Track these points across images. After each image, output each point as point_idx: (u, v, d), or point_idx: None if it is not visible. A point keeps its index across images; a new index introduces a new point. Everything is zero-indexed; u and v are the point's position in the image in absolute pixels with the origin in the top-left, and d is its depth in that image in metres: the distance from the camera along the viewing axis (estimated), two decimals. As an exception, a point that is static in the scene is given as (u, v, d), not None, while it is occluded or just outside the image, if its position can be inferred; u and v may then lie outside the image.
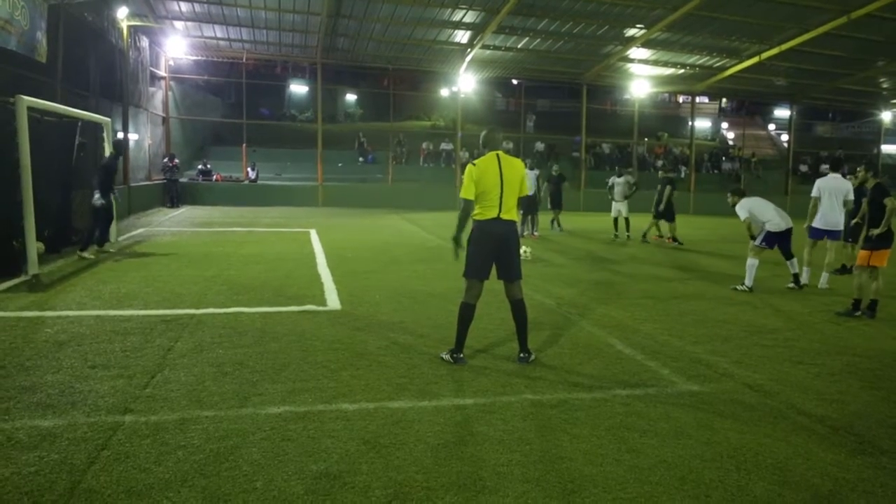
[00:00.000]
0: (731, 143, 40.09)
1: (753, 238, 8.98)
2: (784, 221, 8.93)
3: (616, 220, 15.55)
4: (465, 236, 5.21)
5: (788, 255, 9.10)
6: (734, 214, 9.32)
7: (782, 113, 39.85)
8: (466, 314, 5.18)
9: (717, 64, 25.19)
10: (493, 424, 3.95)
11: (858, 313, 7.37)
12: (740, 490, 3.25)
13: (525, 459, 3.50)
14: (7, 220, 7.91)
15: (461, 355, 5.18)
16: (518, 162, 5.21)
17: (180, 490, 3.05)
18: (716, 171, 34.05)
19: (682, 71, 26.14)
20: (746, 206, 9.07)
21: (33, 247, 7.82)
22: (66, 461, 3.29)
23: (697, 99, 31.29)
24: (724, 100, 41.71)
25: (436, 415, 4.07)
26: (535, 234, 15.22)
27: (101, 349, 5.20)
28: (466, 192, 5.03)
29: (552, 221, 16.93)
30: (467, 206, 5.07)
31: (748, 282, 8.80)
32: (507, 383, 4.71)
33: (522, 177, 5.16)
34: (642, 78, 26.85)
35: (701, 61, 25.03)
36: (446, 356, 5.20)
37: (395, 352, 5.39)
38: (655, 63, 25.26)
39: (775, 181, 31.25)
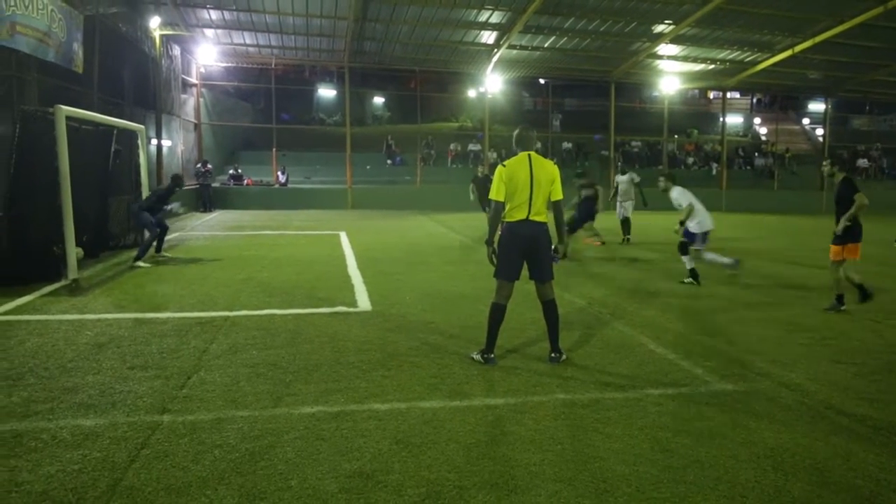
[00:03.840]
0: (763, 138, 39.36)
1: (682, 224, 8.89)
2: (710, 222, 8.97)
3: (623, 221, 14.32)
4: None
5: (685, 251, 8.95)
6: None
7: (817, 107, 39.06)
8: (497, 314, 5.18)
9: (749, 58, 24.77)
10: (525, 424, 3.94)
11: (844, 307, 7.27)
12: (778, 491, 3.20)
13: (557, 459, 3.49)
14: (47, 226, 8.14)
15: (492, 355, 5.18)
16: (550, 163, 5.18)
17: (217, 488, 3.12)
18: (748, 168, 33.47)
19: (712, 66, 25.76)
20: (687, 195, 8.95)
21: (73, 252, 8.02)
22: (108, 459, 3.38)
23: (728, 94, 30.76)
24: (756, 95, 40.98)
25: (467, 414, 4.08)
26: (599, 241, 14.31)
27: (139, 351, 5.32)
28: (496, 193, 5.03)
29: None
30: (497, 208, 5.07)
31: (688, 264, 8.92)
32: (538, 383, 4.70)
33: (554, 178, 5.11)
34: (671, 74, 26.54)
35: (731, 56, 24.64)
36: (477, 356, 5.21)
37: (426, 352, 5.42)
38: (685, 59, 24.94)
39: (810, 177, 30.59)
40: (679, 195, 9.01)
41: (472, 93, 33.28)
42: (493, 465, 3.41)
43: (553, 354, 5.24)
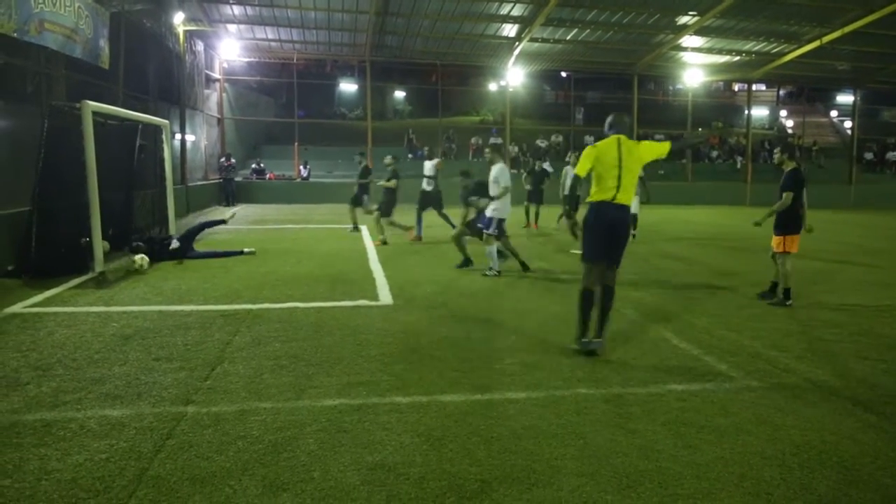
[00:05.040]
0: (790, 131, 38.69)
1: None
2: (508, 211, 8.75)
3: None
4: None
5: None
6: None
7: (845, 99, 38.23)
8: (586, 301, 5.22)
9: (775, 50, 24.33)
10: (547, 418, 3.93)
11: (790, 302, 7.22)
12: (804, 489, 3.15)
13: (579, 454, 3.47)
14: (75, 220, 8.28)
15: (585, 339, 5.22)
16: (642, 146, 5.27)
17: (241, 478, 3.15)
18: (773, 161, 32.94)
19: (737, 58, 25.34)
20: (506, 176, 8.58)
21: (99, 245, 8.15)
22: (134, 449, 3.43)
23: (754, 87, 30.28)
24: (782, 87, 40.28)
25: (489, 408, 4.07)
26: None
27: (164, 343, 5.39)
28: (580, 169, 5.15)
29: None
30: (574, 181, 5.22)
31: (495, 267, 8.73)
32: (560, 377, 4.68)
33: (642, 162, 5.23)
34: (696, 66, 26.16)
35: (757, 47, 24.22)
36: (574, 346, 5.27)
37: (447, 346, 5.42)
38: (709, 51, 24.57)
39: (838, 170, 30.02)
40: (500, 173, 8.55)
41: (493, 86, 33.16)
42: (515, 458, 3.40)
43: (596, 339, 5.23)
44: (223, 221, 11.71)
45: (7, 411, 3.92)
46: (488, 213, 8.59)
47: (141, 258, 8.39)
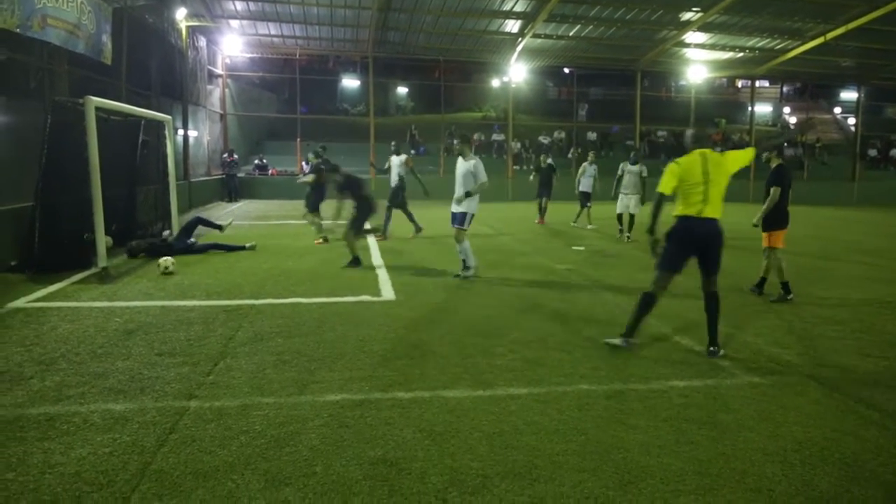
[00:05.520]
0: (793, 128, 38.56)
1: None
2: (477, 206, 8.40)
3: (621, 216, 12.87)
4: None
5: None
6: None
7: (849, 95, 38.08)
8: (647, 302, 5.22)
9: (779, 46, 24.26)
10: (548, 414, 3.94)
11: (791, 296, 7.34)
12: (805, 485, 3.16)
13: (581, 449, 3.48)
14: (78, 215, 8.29)
15: (634, 340, 5.25)
16: (726, 157, 5.18)
17: (243, 473, 3.16)
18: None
19: (741, 54, 25.27)
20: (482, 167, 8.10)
21: (102, 241, 8.16)
22: (137, 443, 3.45)
23: (757, 83, 30.18)
24: (785, 83, 40.12)
25: (490, 404, 4.08)
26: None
27: (167, 338, 5.41)
28: (663, 186, 5.13)
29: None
30: (659, 199, 5.15)
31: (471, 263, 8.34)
32: (561, 373, 4.69)
33: (729, 174, 5.14)
34: (699, 63, 26.10)
35: (761, 44, 24.15)
36: (617, 341, 5.28)
37: (449, 342, 5.43)
38: (713, 47, 24.49)
39: (841, 167, 29.94)
40: (479, 168, 8.01)
41: (495, 82, 33.04)
42: (517, 454, 3.41)
43: (711, 349, 5.19)
44: (220, 227, 11.32)
45: (11, 405, 3.93)
46: (463, 208, 8.07)
47: (164, 260, 8.36)
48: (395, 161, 12.75)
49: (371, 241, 11.74)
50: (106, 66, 12.48)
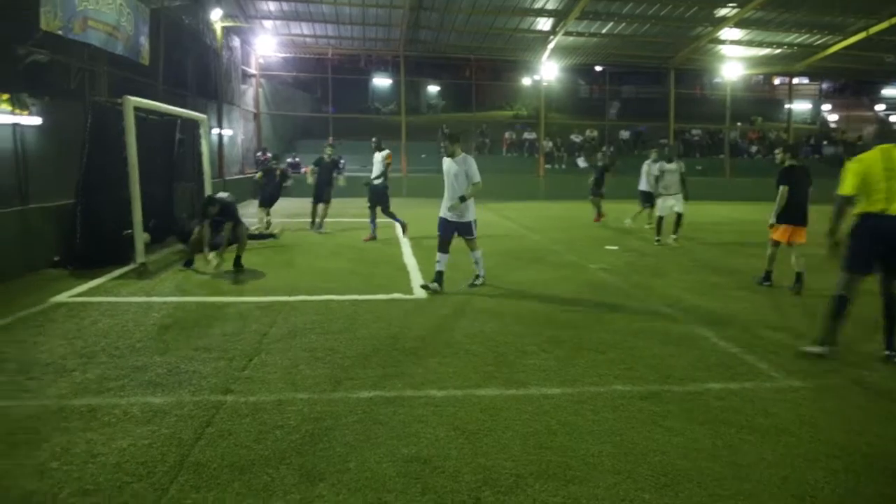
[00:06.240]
0: (833, 125, 37.62)
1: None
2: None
3: (662, 219, 11.77)
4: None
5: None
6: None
7: (893, 92, 37.02)
8: (839, 307, 5.04)
9: (818, 42, 23.68)
10: (583, 415, 3.90)
11: (769, 283, 7.94)
12: (849, 493, 3.07)
13: (615, 451, 3.43)
14: (118, 212, 8.47)
15: (833, 347, 5.07)
16: None
17: (279, 467, 3.19)
18: (817, 157, 32.05)
19: (778, 51, 24.74)
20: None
21: (140, 237, 8.32)
22: (175, 436, 3.51)
23: (795, 80, 29.50)
24: (825, 80, 39.14)
25: (524, 403, 4.05)
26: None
27: (203, 333, 5.49)
28: (846, 187, 4.98)
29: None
30: (841, 202, 5.02)
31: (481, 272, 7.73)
32: (596, 373, 4.64)
33: None
34: (734, 60, 25.60)
35: (799, 40, 23.60)
36: (815, 349, 5.10)
37: (482, 340, 5.41)
38: (749, 43, 24.02)
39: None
40: (472, 167, 7.37)
41: (527, 81, 32.88)
42: (550, 454, 3.38)
43: (888, 353, 5.05)
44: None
45: (56, 396, 4.04)
46: (468, 217, 7.39)
47: (214, 255, 8.48)
48: (377, 158, 11.93)
49: (402, 239, 11.77)
50: (144, 67, 12.73)
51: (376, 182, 11.76)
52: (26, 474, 3.08)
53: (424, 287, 7.34)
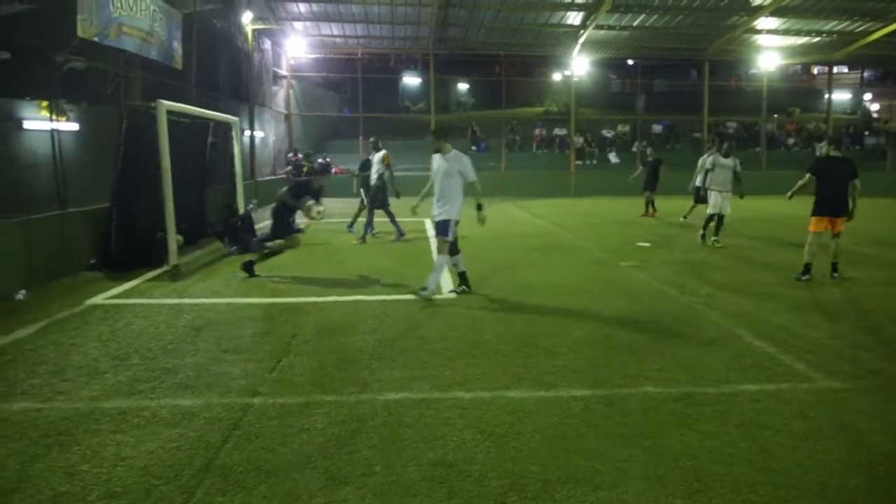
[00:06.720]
0: (875, 115, 36.44)
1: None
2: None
3: (713, 217, 10.97)
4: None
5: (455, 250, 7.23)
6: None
7: (938, 80, 35.71)
8: None
9: (859, 28, 22.94)
10: (612, 417, 3.82)
11: (807, 277, 7.81)
12: (893, 500, 2.94)
13: (646, 455, 3.35)
14: (151, 215, 8.62)
15: None
16: None
17: (304, 471, 3.19)
18: (858, 147, 31.08)
19: (817, 39, 24.05)
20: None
21: (174, 239, 8.46)
22: (203, 439, 3.53)
23: (835, 69, 28.66)
24: (867, 68, 37.94)
25: (553, 406, 3.99)
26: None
27: (233, 334, 5.54)
28: None
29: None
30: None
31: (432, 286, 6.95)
32: (626, 375, 4.55)
33: None
34: (771, 50, 24.97)
35: (839, 27, 22.90)
36: None
37: (511, 341, 5.35)
38: (786, 32, 23.40)
39: (929, 156, 28.07)
40: (467, 164, 6.94)
41: (557, 76, 32.61)
42: (579, 459, 3.32)
43: None
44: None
45: (87, 398, 4.11)
46: (444, 215, 6.88)
47: (318, 211, 8.42)
48: (376, 157, 11.78)
49: (431, 239, 11.74)
50: (177, 71, 12.94)
51: (374, 183, 11.71)
52: (57, 476, 3.14)
53: (453, 293, 7.23)
